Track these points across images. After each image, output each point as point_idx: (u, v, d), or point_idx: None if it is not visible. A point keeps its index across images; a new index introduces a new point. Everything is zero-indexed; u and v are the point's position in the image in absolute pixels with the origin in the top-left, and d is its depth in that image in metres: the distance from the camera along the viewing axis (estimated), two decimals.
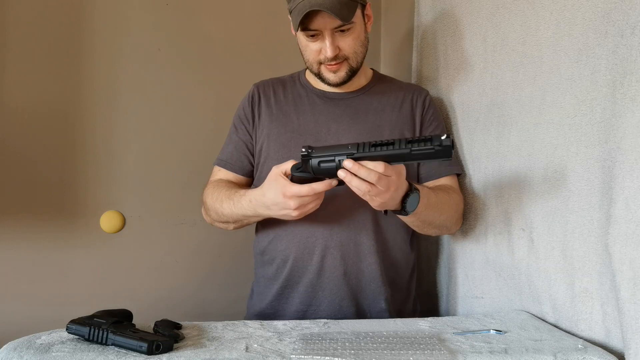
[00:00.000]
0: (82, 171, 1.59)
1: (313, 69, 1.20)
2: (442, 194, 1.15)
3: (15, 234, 1.54)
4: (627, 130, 0.80)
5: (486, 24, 1.21)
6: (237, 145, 1.28)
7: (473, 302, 1.26)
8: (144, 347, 0.78)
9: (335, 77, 1.19)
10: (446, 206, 1.15)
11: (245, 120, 1.28)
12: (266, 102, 1.27)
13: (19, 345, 0.82)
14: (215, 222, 1.25)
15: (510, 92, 1.12)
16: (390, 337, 0.88)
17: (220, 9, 1.70)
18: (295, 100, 1.27)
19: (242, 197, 1.13)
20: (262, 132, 1.25)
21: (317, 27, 1.12)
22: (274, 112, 1.25)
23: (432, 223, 1.15)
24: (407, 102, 1.27)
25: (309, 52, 1.18)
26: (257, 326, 0.96)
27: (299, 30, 1.13)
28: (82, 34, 1.59)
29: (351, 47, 1.16)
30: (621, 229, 0.80)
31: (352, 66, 1.19)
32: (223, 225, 1.24)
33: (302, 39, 1.18)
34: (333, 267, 1.16)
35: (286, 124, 1.23)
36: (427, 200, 1.07)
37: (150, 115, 1.64)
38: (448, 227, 1.21)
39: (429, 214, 1.11)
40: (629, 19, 0.80)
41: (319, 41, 1.15)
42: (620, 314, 0.80)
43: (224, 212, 1.18)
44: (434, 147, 0.85)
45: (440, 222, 1.17)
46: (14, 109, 1.54)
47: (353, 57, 1.18)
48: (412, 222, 1.14)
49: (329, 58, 1.15)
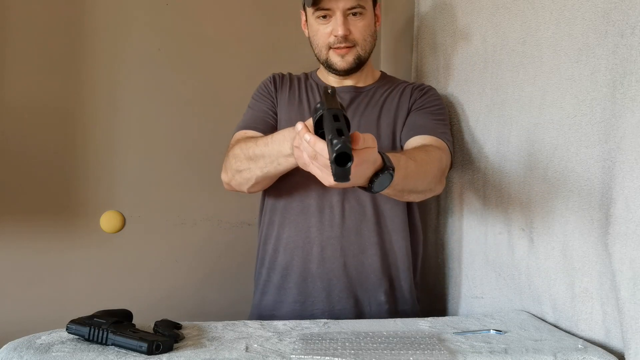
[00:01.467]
0: (82, 171, 1.59)
1: (322, 55, 1.22)
2: (420, 156, 1.05)
3: (15, 234, 1.54)
4: (627, 130, 0.80)
5: (486, 24, 1.21)
6: (260, 110, 1.27)
7: (473, 302, 1.26)
8: (144, 347, 0.78)
9: (342, 61, 1.20)
10: (427, 169, 1.06)
11: (267, 93, 1.29)
12: (283, 88, 1.30)
13: (19, 345, 0.82)
14: (237, 172, 1.14)
15: (510, 92, 1.12)
16: (390, 337, 0.88)
17: (220, 9, 1.70)
18: (306, 93, 1.29)
19: (279, 132, 1.05)
20: (278, 113, 1.26)
21: (330, 6, 1.14)
22: (288, 100, 1.28)
23: (413, 190, 1.07)
24: (407, 93, 1.28)
25: (319, 36, 1.20)
26: (257, 326, 0.96)
27: (312, 11, 1.14)
28: (82, 34, 1.59)
29: (361, 32, 1.18)
30: (621, 228, 0.80)
31: (360, 54, 1.20)
32: (244, 177, 1.14)
33: (314, 24, 1.20)
34: (333, 258, 1.17)
35: (297, 112, 1.25)
36: (404, 171, 0.95)
37: (150, 115, 1.64)
38: (432, 189, 1.12)
39: (408, 183, 1.01)
40: (629, 19, 0.80)
41: (330, 23, 1.17)
42: (620, 314, 0.80)
43: (256, 151, 1.08)
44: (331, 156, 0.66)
45: (423, 188, 1.09)
46: (14, 109, 1.54)
47: (362, 44, 1.19)
48: (388, 193, 1.01)
49: (339, 37, 1.16)
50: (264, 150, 1.06)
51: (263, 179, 1.13)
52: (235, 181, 1.16)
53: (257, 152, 1.08)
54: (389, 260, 1.21)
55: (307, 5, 1.17)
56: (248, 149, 1.11)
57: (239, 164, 1.13)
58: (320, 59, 1.24)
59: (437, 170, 1.10)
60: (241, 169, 1.13)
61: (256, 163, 1.09)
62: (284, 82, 1.31)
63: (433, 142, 1.15)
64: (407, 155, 1.01)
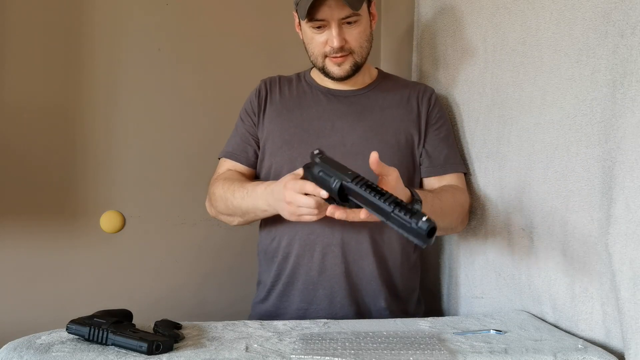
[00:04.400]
0: (82, 171, 1.59)
1: (318, 62, 1.20)
2: (446, 197, 1.14)
3: (15, 234, 1.54)
4: (627, 130, 0.80)
5: (486, 24, 1.21)
6: (243, 137, 1.28)
7: (473, 302, 1.26)
8: (144, 347, 0.78)
9: (339, 70, 1.18)
10: (451, 209, 1.14)
11: (251, 112, 1.28)
12: (272, 97, 1.27)
13: (19, 345, 0.82)
14: (221, 214, 1.24)
15: (510, 92, 1.12)
16: (390, 337, 0.88)
17: (220, 9, 1.70)
18: (300, 97, 1.27)
19: (256, 186, 1.12)
20: (266, 127, 1.25)
21: (324, 17, 1.12)
22: (278, 108, 1.26)
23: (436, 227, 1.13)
24: (412, 100, 1.26)
25: (314, 44, 1.18)
26: (257, 326, 0.96)
27: (306, 21, 1.12)
28: (82, 34, 1.59)
29: (357, 40, 1.16)
30: (621, 229, 0.80)
31: (357, 60, 1.19)
32: (227, 219, 1.23)
33: (308, 32, 1.17)
34: (334, 265, 1.16)
35: (290, 120, 1.23)
36: (430, 207, 1.05)
37: (150, 115, 1.64)
38: (453, 228, 1.21)
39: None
40: (629, 19, 0.80)
41: (325, 33, 1.15)
42: (620, 314, 0.80)
43: (234, 203, 1.16)
44: (411, 224, 0.76)
45: (445, 226, 1.16)
46: (14, 109, 1.54)
47: (358, 51, 1.18)
48: None
49: (335, 48, 1.15)
50: (241, 204, 1.15)
51: (246, 222, 1.23)
52: (220, 219, 1.26)
53: (235, 204, 1.16)
54: (387, 267, 1.19)
55: (301, 19, 1.15)
56: (227, 200, 1.18)
57: (221, 208, 1.21)
58: (316, 66, 1.22)
59: (460, 212, 1.18)
60: (223, 213, 1.22)
61: (235, 213, 1.19)
62: (273, 90, 1.28)
63: (457, 182, 1.23)
64: (433, 194, 1.11)
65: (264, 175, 1.24)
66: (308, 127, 1.21)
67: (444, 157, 1.23)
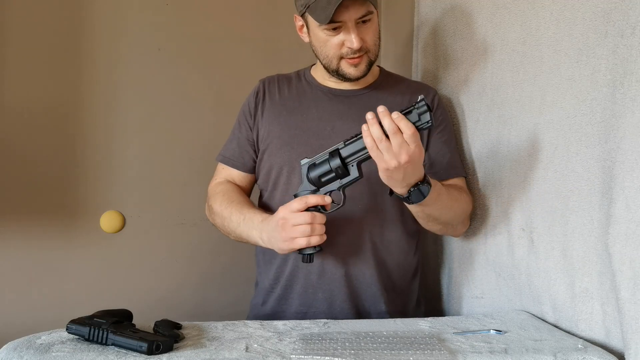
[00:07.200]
0: (82, 171, 1.59)
1: (332, 64, 1.17)
2: (454, 192, 1.14)
3: (15, 234, 1.54)
4: (627, 130, 0.80)
5: (486, 24, 1.21)
6: (240, 142, 1.27)
7: (473, 302, 1.26)
8: (144, 347, 0.78)
9: (356, 70, 1.17)
10: (456, 204, 1.14)
11: (248, 115, 1.27)
12: (270, 98, 1.26)
13: (19, 345, 0.82)
14: (218, 227, 1.25)
15: (510, 92, 1.12)
16: (390, 337, 0.88)
17: (220, 9, 1.70)
18: (300, 97, 1.25)
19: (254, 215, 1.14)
20: (266, 128, 1.23)
21: (343, 19, 1.09)
22: (278, 109, 1.24)
23: (438, 219, 1.13)
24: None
25: (329, 46, 1.15)
26: (257, 326, 0.96)
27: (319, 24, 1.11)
28: (82, 33, 1.59)
29: (372, 38, 1.16)
30: (621, 229, 0.80)
31: (371, 59, 1.18)
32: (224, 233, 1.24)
33: (321, 35, 1.14)
34: (334, 268, 1.16)
35: (290, 121, 1.22)
36: (437, 194, 1.04)
37: (150, 115, 1.64)
38: (454, 225, 1.19)
39: (437, 208, 1.09)
40: (629, 19, 0.80)
41: (341, 34, 1.12)
42: (620, 314, 0.80)
43: (230, 226, 1.18)
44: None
45: (447, 220, 1.15)
46: (14, 109, 1.54)
47: (373, 49, 1.17)
48: (417, 212, 1.11)
49: (354, 49, 1.12)
50: (236, 229, 1.17)
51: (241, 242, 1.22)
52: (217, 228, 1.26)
53: (231, 227, 1.18)
54: (388, 270, 1.19)
55: (320, 23, 1.10)
56: (223, 219, 1.20)
57: (218, 224, 1.24)
58: (329, 69, 1.19)
59: (464, 210, 1.19)
60: (220, 229, 1.24)
61: (230, 234, 1.21)
62: (272, 90, 1.27)
63: (462, 185, 1.23)
64: (443, 185, 1.11)
65: (264, 176, 1.23)
66: (308, 129, 1.20)
67: (447, 162, 1.22)
